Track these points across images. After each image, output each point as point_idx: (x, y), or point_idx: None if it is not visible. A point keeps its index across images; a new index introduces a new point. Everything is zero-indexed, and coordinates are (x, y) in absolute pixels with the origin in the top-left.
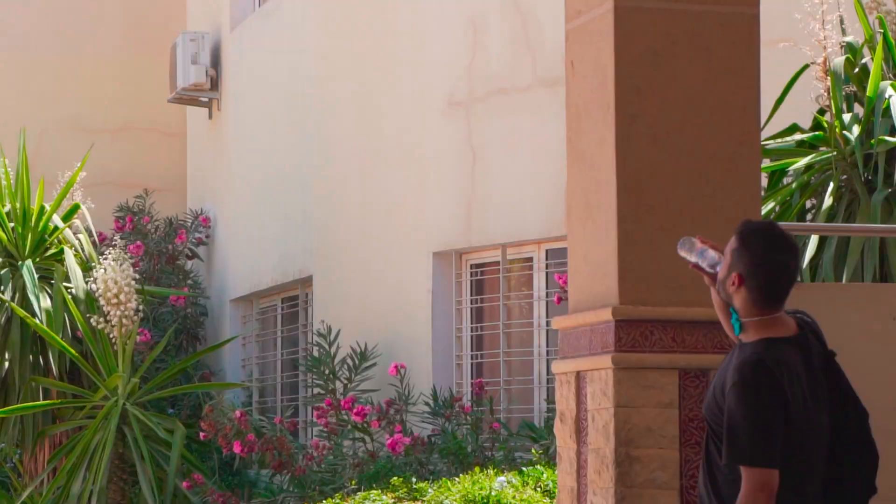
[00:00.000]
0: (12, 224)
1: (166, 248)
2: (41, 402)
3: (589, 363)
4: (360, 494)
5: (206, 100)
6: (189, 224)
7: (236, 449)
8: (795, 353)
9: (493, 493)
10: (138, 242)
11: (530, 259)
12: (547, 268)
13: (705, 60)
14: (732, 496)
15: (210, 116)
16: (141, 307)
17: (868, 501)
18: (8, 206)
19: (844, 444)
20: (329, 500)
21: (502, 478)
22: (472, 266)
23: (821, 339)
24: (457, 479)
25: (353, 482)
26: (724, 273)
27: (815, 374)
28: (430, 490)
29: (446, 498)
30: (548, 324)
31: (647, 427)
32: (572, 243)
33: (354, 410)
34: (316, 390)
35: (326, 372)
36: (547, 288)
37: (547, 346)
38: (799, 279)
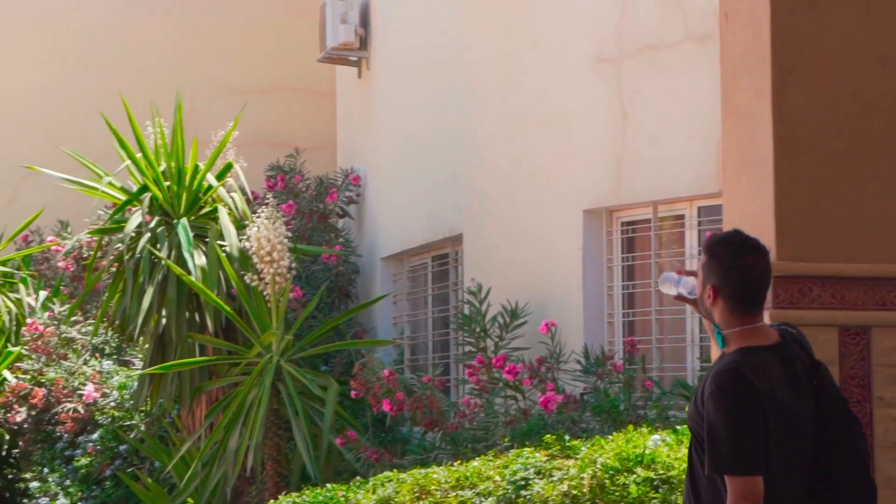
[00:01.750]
0: (168, 183)
1: (317, 207)
2: (198, 358)
3: None
4: (514, 452)
5: (356, 59)
6: (340, 183)
7: (385, 407)
8: (775, 360)
9: (648, 452)
10: (290, 202)
11: (682, 216)
12: (699, 225)
13: (863, 9)
14: None
15: (359, 75)
16: (293, 265)
17: (874, 499)
18: (164, 166)
19: (832, 452)
20: (482, 457)
21: (656, 436)
22: (622, 224)
23: (806, 349)
24: (610, 437)
25: (506, 439)
26: (699, 289)
27: (797, 382)
28: (583, 448)
29: (600, 456)
30: None
31: None
32: (727, 199)
33: (506, 368)
34: (467, 348)
35: (477, 330)
36: (699, 245)
37: None
38: None
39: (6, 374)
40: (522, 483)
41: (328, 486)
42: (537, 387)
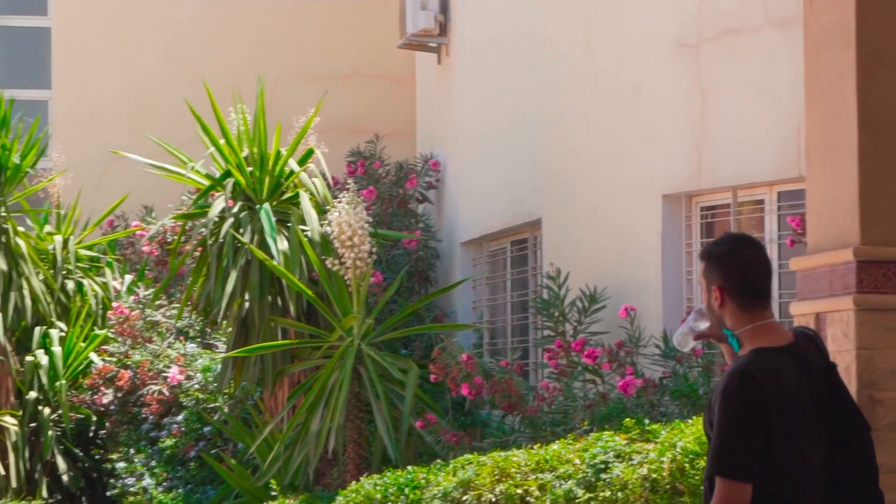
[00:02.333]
0: (251, 168)
1: (397, 193)
2: (280, 341)
3: (829, 304)
4: (593, 435)
5: (435, 45)
6: (419, 168)
7: (464, 391)
8: (788, 361)
9: None
10: (371, 187)
11: (761, 201)
12: (779, 210)
13: None
14: None
15: (439, 62)
16: (374, 250)
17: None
18: (246, 152)
19: (844, 457)
20: (562, 440)
21: None
22: (702, 209)
23: (822, 350)
24: (689, 421)
25: (585, 423)
26: (706, 297)
27: (811, 384)
28: (662, 432)
29: (679, 440)
30: (780, 266)
31: (890, 370)
32: (811, 183)
33: (585, 352)
34: (545, 332)
35: (556, 314)
36: (779, 230)
37: (779, 288)
38: None
39: (93, 356)
40: (602, 466)
41: (409, 468)
42: (616, 371)
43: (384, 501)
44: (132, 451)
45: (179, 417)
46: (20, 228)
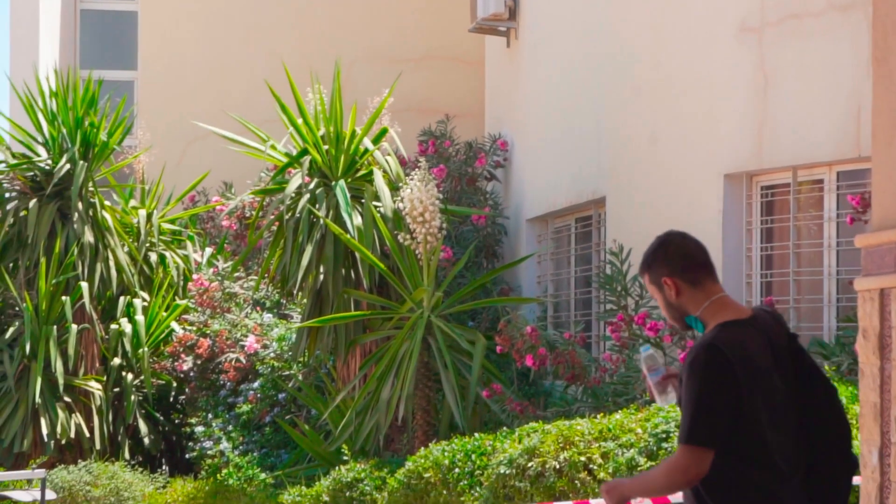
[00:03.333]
0: (327, 147)
1: (466, 171)
2: (353, 312)
3: (894, 280)
4: (654, 405)
5: (504, 29)
6: (488, 148)
7: (528, 362)
8: (751, 332)
9: None
10: (441, 166)
11: (820, 181)
12: (838, 189)
13: None
14: (713, 481)
15: (507, 45)
16: (444, 225)
17: (852, 476)
18: (322, 130)
19: (816, 419)
20: (624, 410)
21: None
22: (762, 187)
23: (781, 322)
24: None
25: (647, 394)
26: (661, 298)
27: (773, 353)
28: None
29: None
30: (838, 244)
31: None
32: (876, 161)
33: (648, 325)
34: (608, 306)
35: (618, 289)
36: (837, 209)
37: (837, 265)
38: None
39: (174, 325)
40: (663, 436)
41: (476, 435)
42: (677, 343)
43: (452, 467)
44: (210, 415)
45: (255, 384)
46: (107, 203)
